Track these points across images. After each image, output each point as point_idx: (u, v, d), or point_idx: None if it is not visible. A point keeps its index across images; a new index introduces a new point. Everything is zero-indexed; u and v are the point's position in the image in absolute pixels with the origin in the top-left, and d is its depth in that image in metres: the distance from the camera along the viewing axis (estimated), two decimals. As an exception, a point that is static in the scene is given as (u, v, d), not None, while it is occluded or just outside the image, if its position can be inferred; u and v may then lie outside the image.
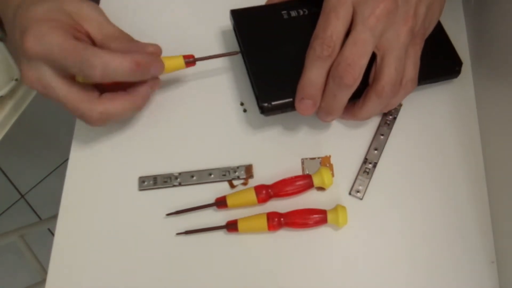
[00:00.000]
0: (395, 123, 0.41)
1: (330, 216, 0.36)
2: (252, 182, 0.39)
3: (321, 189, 0.39)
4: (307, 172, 0.39)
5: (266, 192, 0.37)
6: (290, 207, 0.37)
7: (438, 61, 0.41)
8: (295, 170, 0.40)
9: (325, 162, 0.40)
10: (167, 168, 0.40)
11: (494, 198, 0.38)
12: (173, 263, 0.37)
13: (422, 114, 0.42)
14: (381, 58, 0.34)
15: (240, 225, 0.36)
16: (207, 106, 0.42)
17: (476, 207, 0.39)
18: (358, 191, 0.39)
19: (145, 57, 0.35)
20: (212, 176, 0.39)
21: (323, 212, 0.37)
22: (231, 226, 0.37)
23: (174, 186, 0.39)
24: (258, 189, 0.37)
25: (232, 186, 0.39)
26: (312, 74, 0.34)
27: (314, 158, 0.40)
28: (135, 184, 0.39)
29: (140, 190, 0.39)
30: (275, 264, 0.37)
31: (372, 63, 0.35)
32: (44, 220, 0.98)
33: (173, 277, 0.37)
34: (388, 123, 0.41)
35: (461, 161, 0.40)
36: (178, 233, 0.37)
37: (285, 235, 0.38)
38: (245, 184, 0.39)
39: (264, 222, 0.36)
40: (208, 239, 0.37)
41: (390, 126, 0.41)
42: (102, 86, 0.37)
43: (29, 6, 0.34)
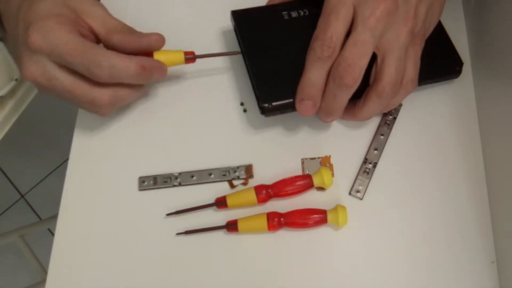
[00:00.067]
0: (395, 123, 0.41)
1: (330, 216, 0.36)
2: (252, 182, 0.39)
3: (321, 189, 0.39)
4: (307, 172, 0.39)
5: (266, 192, 0.37)
6: (290, 207, 0.37)
7: (439, 61, 0.41)
8: (295, 170, 0.40)
9: (325, 162, 0.40)
10: (167, 168, 0.40)
11: (494, 198, 0.38)
12: (173, 263, 0.37)
13: (422, 114, 0.42)
14: (382, 59, 0.34)
15: (240, 225, 0.36)
16: (207, 106, 0.42)
17: (476, 207, 0.39)
18: (358, 191, 0.39)
19: (150, 62, 0.36)
20: (212, 176, 0.39)
21: (323, 212, 0.37)
22: (231, 226, 0.37)
23: (174, 186, 0.39)
24: (258, 189, 0.37)
25: (232, 186, 0.39)
26: (312, 75, 0.34)
27: (314, 158, 0.40)
28: (135, 184, 0.39)
29: (140, 190, 0.39)
30: (275, 264, 0.37)
31: (373, 64, 0.35)
32: (44, 220, 0.98)
33: (173, 277, 0.37)
34: (388, 123, 0.41)
35: (461, 161, 0.40)
36: (178, 233, 0.37)
37: (285, 235, 0.38)
38: (245, 184, 0.39)
39: (264, 222, 0.36)
40: (208, 239, 0.37)
41: (390, 126, 0.41)
42: None
43: (34, 1, 0.35)
